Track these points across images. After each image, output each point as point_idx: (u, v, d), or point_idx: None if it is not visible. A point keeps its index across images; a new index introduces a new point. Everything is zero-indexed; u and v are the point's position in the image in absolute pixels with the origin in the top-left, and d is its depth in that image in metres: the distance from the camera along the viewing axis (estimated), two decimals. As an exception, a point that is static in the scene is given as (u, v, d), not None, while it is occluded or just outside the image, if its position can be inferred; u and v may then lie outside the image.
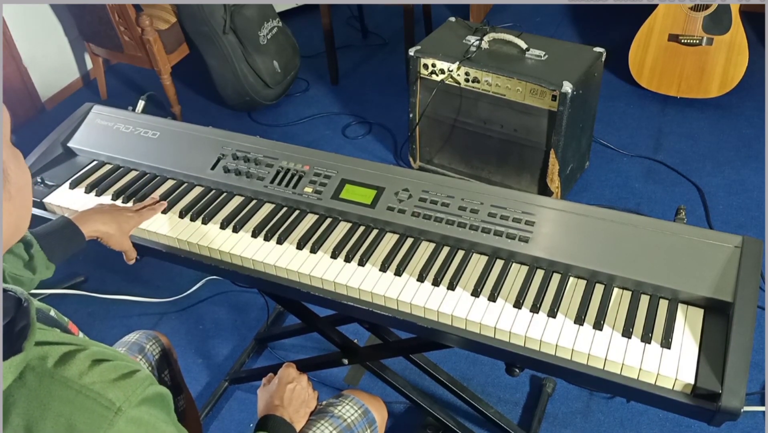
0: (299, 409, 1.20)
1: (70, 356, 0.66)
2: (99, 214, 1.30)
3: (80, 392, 0.63)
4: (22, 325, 0.64)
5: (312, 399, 1.26)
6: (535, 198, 1.28)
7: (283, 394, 1.21)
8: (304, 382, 1.26)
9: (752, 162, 2.64)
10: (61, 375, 0.64)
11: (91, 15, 2.95)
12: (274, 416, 1.14)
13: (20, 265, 1.17)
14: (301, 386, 1.24)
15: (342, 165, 1.39)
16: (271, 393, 1.22)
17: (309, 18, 3.84)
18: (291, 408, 1.18)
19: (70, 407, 0.62)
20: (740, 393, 0.97)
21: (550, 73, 2.20)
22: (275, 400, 1.19)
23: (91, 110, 1.62)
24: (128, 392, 0.66)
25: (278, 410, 1.16)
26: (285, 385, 1.23)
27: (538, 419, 1.80)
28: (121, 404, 0.64)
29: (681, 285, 1.12)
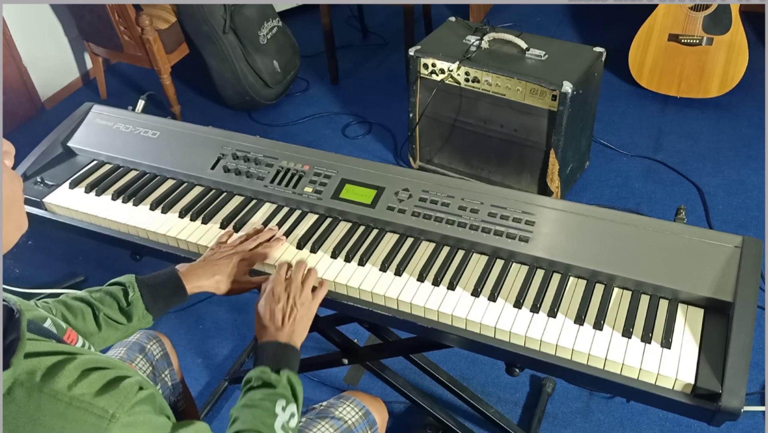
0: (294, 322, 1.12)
1: (59, 368, 0.65)
2: (204, 269, 1.21)
3: (71, 404, 0.63)
4: (11, 339, 0.63)
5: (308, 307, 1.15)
6: (535, 198, 1.28)
7: (272, 314, 1.13)
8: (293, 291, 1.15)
9: (752, 162, 2.64)
10: (50, 388, 0.63)
11: (90, 15, 2.95)
12: (266, 343, 1.09)
13: (115, 307, 1.16)
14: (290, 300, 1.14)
15: (342, 165, 1.39)
16: (264, 316, 1.14)
17: (309, 18, 3.84)
18: (285, 329, 1.11)
19: (61, 421, 0.62)
20: (740, 393, 0.97)
21: (550, 73, 2.20)
22: (267, 324, 1.13)
23: (90, 110, 1.62)
24: (120, 398, 0.66)
25: (271, 335, 1.11)
26: (271, 306, 1.14)
27: (538, 419, 1.80)
28: (114, 411, 0.65)
29: (681, 285, 1.12)
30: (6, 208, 0.69)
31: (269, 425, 0.98)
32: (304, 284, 1.16)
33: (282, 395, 1.02)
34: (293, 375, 1.06)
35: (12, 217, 0.70)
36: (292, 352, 1.09)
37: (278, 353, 1.07)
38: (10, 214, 0.69)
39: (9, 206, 0.69)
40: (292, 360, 1.08)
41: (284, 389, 1.03)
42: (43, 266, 2.42)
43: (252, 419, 0.98)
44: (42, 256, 2.46)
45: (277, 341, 1.09)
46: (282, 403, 1.01)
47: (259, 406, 1.00)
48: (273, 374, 1.04)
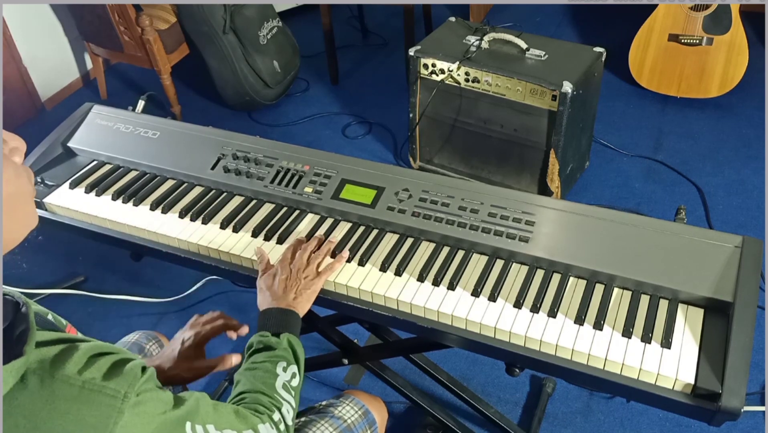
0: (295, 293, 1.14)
1: (67, 354, 0.67)
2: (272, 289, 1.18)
3: (83, 388, 0.65)
4: (21, 329, 0.65)
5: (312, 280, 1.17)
6: (535, 198, 1.28)
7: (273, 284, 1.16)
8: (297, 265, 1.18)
9: (752, 162, 2.64)
10: (61, 374, 0.65)
11: (91, 15, 2.95)
12: (266, 310, 1.12)
13: None
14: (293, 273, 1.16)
15: (342, 165, 1.39)
16: (267, 287, 1.17)
17: (309, 18, 3.84)
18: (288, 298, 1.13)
19: (76, 404, 0.64)
20: (740, 393, 0.97)
21: (550, 73, 2.20)
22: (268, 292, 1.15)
23: (91, 110, 1.62)
24: (129, 379, 0.69)
25: (271, 303, 1.13)
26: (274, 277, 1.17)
27: (538, 419, 1.80)
28: (126, 391, 0.67)
29: (681, 285, 1.12)
30: (11, 205, 0.69)
31: (270, 385, 1.00)
32: (310, 260, 1.19)
33: (282, 356, 1.04)
34: (293, 337, 1.08)
35: (17, 213, 0.70)
36: (293, 316, 1.11)
37: (278, 318, 1.10)
38: (15, 210, 0.70)
39: (14, 202, 0.70)
40: (293, 324, 1.10)
41: (284, 351, 1.05)
42: (43, 266, 2.42)
43: (253, 381, 1.00)
44: (42, 256, 2.46)
45: (277, 306, 1.11)
46: (283, 364, 1.03)
47: (260, 368, 1.02)
48: (273, 337, 1.06)
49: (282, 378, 1.02)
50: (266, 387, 0.99)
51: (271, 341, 1.06)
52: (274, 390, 1.00)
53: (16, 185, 0.70)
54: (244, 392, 0.99)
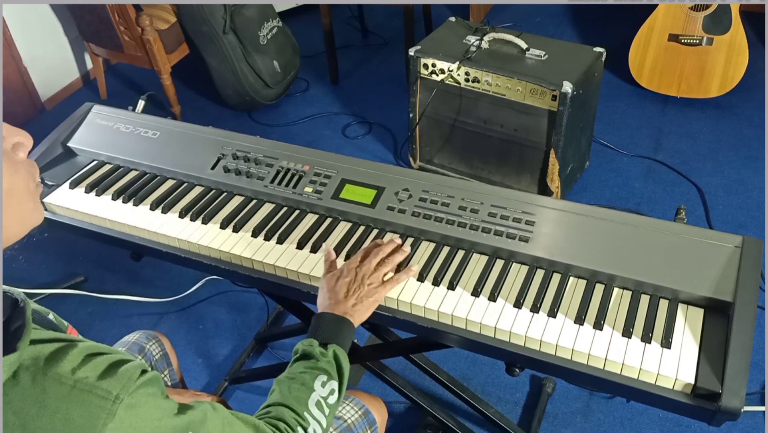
0: (356, 299, 1.10)
1: (63, 353, 0.66)
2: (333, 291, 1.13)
3: (74, 387, 0.64)
4: (17, 325, 0.64)
5: (376, 288, 1.13)
6: (535, 198, 1.28)
7: (336, 286, 1.12)
8: (364, 270, 1.14)
9: (752, 162, 2.64)
10: (54, 372, 0.64)
11: (91, 15, 2.95)
12: (322, 314, 1.08)
13: None
14: (358, 277, 1.13)
15: (342, 165, 1.39)
16: (329, 287, 1.13)
17: (309, 18, 3.84)
18: (348, 302, 1.10)
19: (65, 403, 0.63)
20: (740, 393, 0.97)
21: (550, 73, 2.20)
22: (329, 294, 1.11)
23: (91, 110, 1.62)
24: (123, 380, 0.66)
25: (329, 306, 1.09)
26: (338, 279, 1.13)
27: (538, 419, 1.80)
28: (118, 392, 0.65)
29: (681, 285, 1.12)
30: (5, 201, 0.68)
31: (302, 400, 0.95)
32: (378, 268, 1.15)
33: (324, 370, 1.00)
34: (340, 351, 1.03)
35: (12, 210, 0.69)
36: (347, 327, 1.07)
37: (331, 326, 1.06)
38: (10, 206, 0.68)
39: (8, 198, 0.68)
40: (344, 336, 1.06)
41: (328, 365, 1.01)
42: (43, 266, 2.42)
43: (286, 393, 0.96)
44: (42, 256, 2.46)
45: (333, 313, 1.07)
46: (322, 378, 0.99)
47: (297, 379, 0.98)
48: (319, 347, 1.02)
49: (317, 394, 0.97)
50: (296, 402, 0.95)
51: (316, 351, 1.01)
52: (304, 407, 0.95)
53: (11, 182, 0.68)
54: (272, 404, 0.96)
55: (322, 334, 1.05)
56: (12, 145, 0.72)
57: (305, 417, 0.94)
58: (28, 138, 0.74)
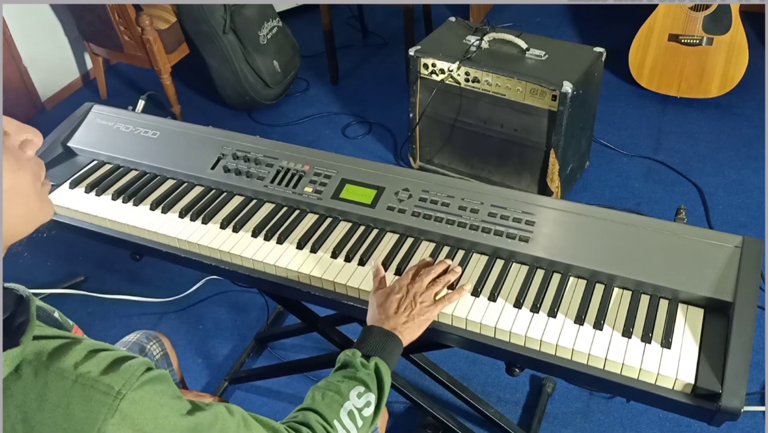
0: (407, 317, 1.08)
1: (66, 348, 0.66)
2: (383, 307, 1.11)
3: (76, 382, 0.63)
4: (21, 320, 0.64)
5: (428, 307, 1.11)
6: (535, 198, 1.28)
7: (387, 301, 1.10)
8: (416, 287, 1.12)
9: (752, 162, 2.64)
10: (56, 367, 0.64)
11: (91, 15, 2.95)
12: (371, 327, 1.06)
13: None
14: (410, 295, 1.11)
15: (342, 165, 1.39)
16: (379, 303, 1.11)
17: (309, 18, 3.84)
18: (398, 319, 1.07)
19: (66, 398, 0.62)
20: (740, 393, 0.97)
21: (550, 73, 2.20)
22: (379, 309, 1.10)
23: (91, 110, 1.62)
24: (127, 375, 0.66)
25: (378, 321, 1.08)
26: (389, 295, 1.11)
27: (538, 419, 1.80)
28: (120, 388, 0.64)
29: (681, 285, 1.12)
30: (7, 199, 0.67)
31: (333, 408, 0.93)
32: (430, 286, 1.13)
33: (362, 381, 0.98)
34: (383, 365, 1.01)
35: (16, 208, 0.68)
36: (394, 342, 1.05)
37: (378, 339, 1.04)
38: (13, 205, 0.67)
39: (11, 197, 0.67)
40: (390, 351, 1.03)
41: (368, 376, 0.98)
42: (43, 266, 2.42)
43: (319, 399, 0.95)
44: (42, 256, 2.46)
45: (381, 327, 1.06)
46: (359, 389, 0.97)
47: (333, 387, 0.96)
48: (361, 358, 1.00)
49: (351, 403, 0.95)
50: (327, 409, 0.93)
51: (357, 361, 1.00)
52: (335, 414, 0.93)
53: (13, 180, 0.67)
54: (302, 408, 0.94)
55: (366, 346, 1.03)
56: (20, 143, 0.71)
57: (334, 425, 0.92)
58: (38, 135, 0.73)
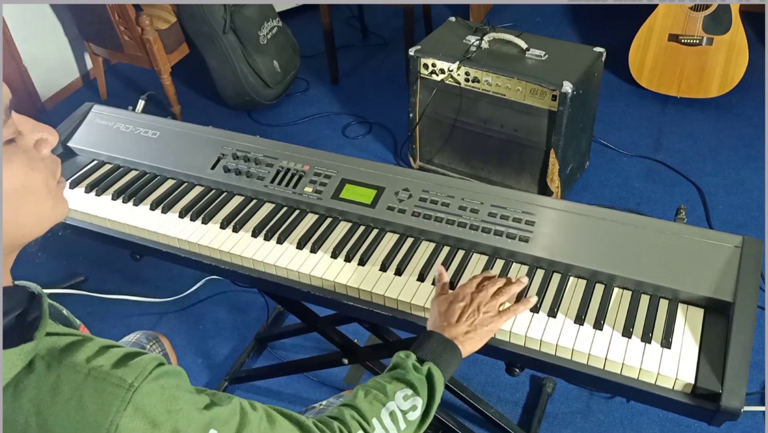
0: (469, 326, 1.05)
1: (78, 344, 0.66)
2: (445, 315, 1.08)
3: (89, 375, 0.63)
4: (34, 316, 0.65)
5: (491, 318, 1.07)
6: (535, 198, 1.28)
7: (449, 309, 1.07)
8: (480, 297, 1.08)
9: (752, 162, 2.64)
10: (69, 361, 0.64)
11: (91, 15, 2.95)
12: (430, 332, 1.03)
13: None
14: (473, 304, 1.07)
15: (342, 165, 1.39)
16: (441, 311, 1.08)
17: (309, 18, 3.84)
18: (459, 328, 1.04)
19: (79, 391, 0.63)
20: (740, 393, 0.97)
21: (550, 73, 2.20)
22: (440, 316, 1.07)
23: (91, 110, 1.62)
24: (139, 369, 0.65)
25: (439, 328, 1.05)
26: (452, 303, 1.08)
27: (538, 419, 1.80)
28: (133, 381, 0.64)
29: (681, 285, 1.12)
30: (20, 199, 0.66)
31: (375, 407, 0.91)
32: (494, 297, 1.09)
33: (410, 384, 0.94)
34: (437, 372, 0.97)
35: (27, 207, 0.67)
36: (452, 351, 1.01)
37: (436, 346, 1.00)
38: (26, 204, 0.67)
39: (23, 196, 0.67)
40: (446, 359, 0.99)
41: (418, 381, 0.95)
42: (43, 266, 2.42)
43: (361, 396, 0.92)
44: (42, 256, 2.46)
45: (442, 334, 1.02)
46: (406, 391, 0.93)
47: (379, 386, 0.94)
48: (415, 361, 0.97)
49: (395, 404, 0.91)
50: (367, 406, 0.90)
51: (409, 364, 0.96)
52: (375, 413, 0.90)
53: (25, 180, 0.67)
54: (342, 404, 0.92)
55: (423, 350, 1.00)
56: (35, 142, 0.71)
57: (372, 423, 0.89)
58: (53, 134, 0.72)
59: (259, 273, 1.29)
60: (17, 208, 0.66)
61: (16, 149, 0.67)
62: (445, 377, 0.98)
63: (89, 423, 0.62)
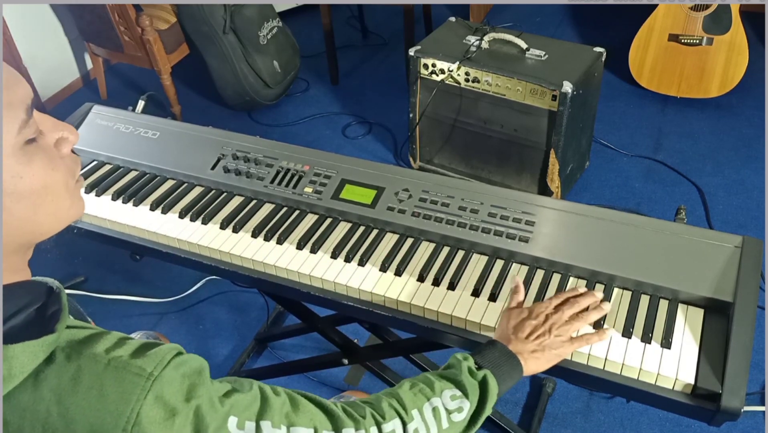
0: (537, 345, 1.01)
1: (97, 336, 0.67)
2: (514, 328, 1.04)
3: (109, 365, 0.64)
4: (54, 309, 0.66)
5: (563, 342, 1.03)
6: (535, 198, 1.28)
7: (520, 325, 1.03)
8: (555, 318, 1.04)
9: (752, 162, 2.64)
10: (89, 352, 0.65)
11: (91, 15, 2.95)
12: (496, 342, 1.00)
13: None
14: (546, 324, 1.04)
15: (342, 165, 1.39)
16: (511, 324, 1.04)
17: (309, 18, 3.84)
18: (527, 345, 1.01)
19: (100, 380, 0.63)
20: (740, 393, 0.97)
21: (550, 73, 2.20)
22: (509, 329, 1.04)
23: (91, 110, 1.62)
24: (158, 358, 0.66)
25: (505, 340, 1.02)
26: (524, 319, 1.04)
27: (538, 419, 1.80)
28: (152, 370, 0.65)
29: (681, 285, 1.12)
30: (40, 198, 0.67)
31: (418, 399, 0.87)
32: (571, 322, 1.05)
33: (461, 386, 0.91)
34: (492, 381, 0.93)
35: (46, 206, 0.68)
36: (513, 365, 0.97)
37: (498, 355, 0.97)
38: (44, 203, 0.68)
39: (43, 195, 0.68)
40: (505, 372, 0.96)
41: (470, 385, 0.91)
42: (43, 266, 2.42)
43: (406, 388, 0.89)
44: (42, 256, 2.46)
45: (506, 346, 0.99)
46: (454, 392, 0.90)
47: (427, 381, 0.91)
48: (471, 365, 0.94)
49: (440, 402, 0.88)
50: (410, 398, 0.87)
51: (464, 367, 0.93)
52: (416, 405, 0.87)
53: (45, 180, 0.67)
54: (384, 392, 0.89)
55: (482, 357, 0.96)
56: (55, 141, 0.71)
57: (411, 414, 0.86)
58: (74, 133, 0.72)
59: (259, 273, 1.29)
60: (37, 207, 0.67)
61: (37, 149, 0.67)
62: (502, 389, 0.95)
63: (110, 411, 0.63)
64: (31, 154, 0.66)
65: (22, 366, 0.61)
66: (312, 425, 0.76)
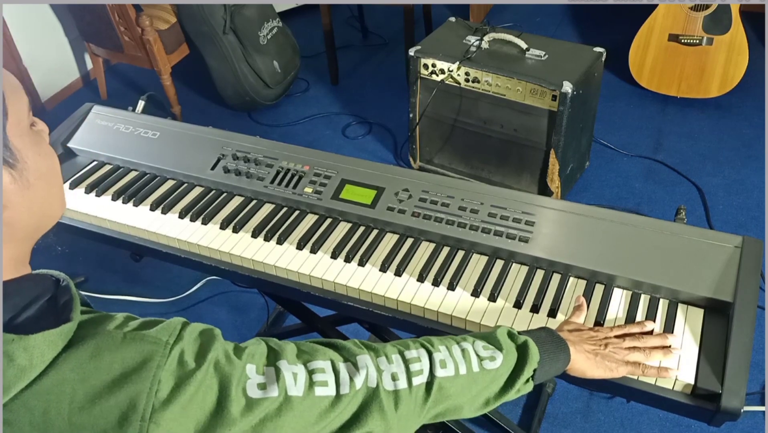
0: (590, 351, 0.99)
1: (106, 317, 0.69)
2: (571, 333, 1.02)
3: (125, 338, 0.66)
4: (65, 299, 0.68)
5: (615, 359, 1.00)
6: (535, 198, 1.28)
7: (579, 331, 1.02)
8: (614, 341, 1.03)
9: (752, 162, 2.64)
10: (102, 329, 0.67)
11: (91, 15, 2.95)
12: (548, 327, 0.98)
13: None
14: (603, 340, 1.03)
15: (342, 165, 1.39)
16: (567, 326, 1.04)
17: (309, 18, 3.84)
18: (583, 345, 0.99)
19: (120, 354, 0.65)
20: (740, 393, 0.97)
21: (550, 73, 2.20)
22: (569, 329, 1.03)
23: (91, 110, 1.62)
24: (171, 328, 0.69)
25: (560, 330, 1.01)
26: (583, 331, 1.03)
27: (538, 419, 1.80)
28: (167, 339, 0.67)
29: (681, 285, 1.12)
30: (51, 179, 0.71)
31: (444, 340, 0.85)
32: (629, 350, 1.03)
33: (497, 343, 0.87)
34: (534, 348, 0.89)
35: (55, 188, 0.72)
36: (561, 349, 0.94)
37: (543, 335, 0.94)
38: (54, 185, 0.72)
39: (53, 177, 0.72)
40: (549, 349, 0.92)
41: (506, 345, 0.87)
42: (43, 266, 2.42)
43: (434, 338, 0.86)
44: (42, 256, 2.46)
45: (560, 335, 0.97)
46: (488, 345, 0.87)
47: (459, 336, 0.88)
48: (514, 332, 0.91)
49: (470, 346, 0.85)
50: (437, 339, 0.84)
51: (503, 330, 0.89)
52: (442, 343, 0.83)
53: (52, 161, 0.72)
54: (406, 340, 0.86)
55: (527, 333, 0.93)
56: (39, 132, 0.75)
57: (437, 348, 0.83)
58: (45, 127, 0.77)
59: (259, 273, 1.29)
60: (50, 186, 0.71)
61: (38, 133, 0.71)
62: (546, 368, 0.90)
63: (132, 381, 0.64)
64: (37, 136, 0.71)
65: (43, 355, 0.62)
66: (327, 358, 0.78)
